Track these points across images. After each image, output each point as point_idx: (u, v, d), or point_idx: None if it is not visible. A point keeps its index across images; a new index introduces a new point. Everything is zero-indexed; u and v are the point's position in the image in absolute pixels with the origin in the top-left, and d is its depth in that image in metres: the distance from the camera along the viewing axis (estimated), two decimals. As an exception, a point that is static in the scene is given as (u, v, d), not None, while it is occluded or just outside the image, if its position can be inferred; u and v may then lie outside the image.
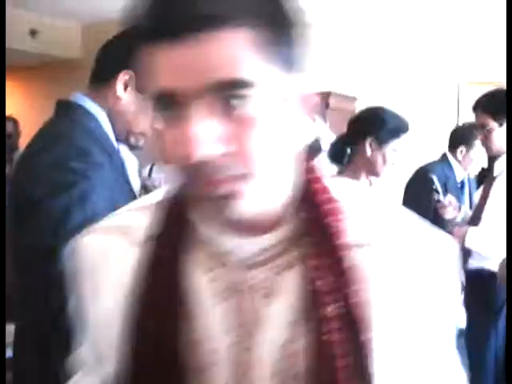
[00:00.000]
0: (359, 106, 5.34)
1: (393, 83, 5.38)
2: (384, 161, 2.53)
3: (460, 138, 3.71)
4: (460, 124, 3.89)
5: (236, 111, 0.67)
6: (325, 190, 0.81)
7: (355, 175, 2.55)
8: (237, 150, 0.68)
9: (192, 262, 0.81)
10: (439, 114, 5.20)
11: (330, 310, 0.74)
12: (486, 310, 3.20)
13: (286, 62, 0.71)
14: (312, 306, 0.75)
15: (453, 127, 4.00)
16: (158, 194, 0.86)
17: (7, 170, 4.25)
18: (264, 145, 0.69)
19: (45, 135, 1.74)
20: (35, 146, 1.73)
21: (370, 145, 2.52)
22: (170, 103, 0.68)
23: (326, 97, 4.62)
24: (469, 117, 3.74)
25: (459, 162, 3.68)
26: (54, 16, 6.38)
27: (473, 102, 3.28)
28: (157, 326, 0.79)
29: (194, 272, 0.81)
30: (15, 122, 4.87)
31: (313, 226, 0.78)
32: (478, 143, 3.55)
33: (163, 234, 0.82)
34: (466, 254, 3.37)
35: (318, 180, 0.81)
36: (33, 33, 6.28)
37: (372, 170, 2.56)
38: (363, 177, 2.56)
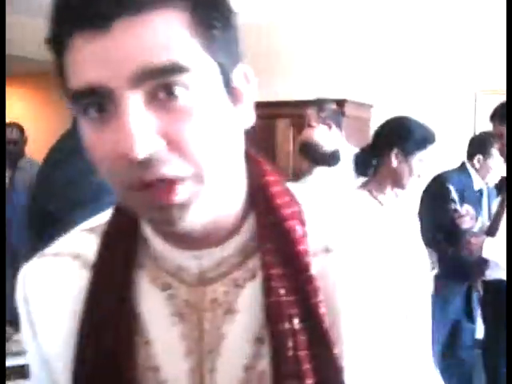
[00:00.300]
0: (375, 114, 5.35)
1: (409, 91, 5.39)
2: (410, 172, 2.50)
3: (477, 146, 3.71)
4: (477, 133, 3.88)
5: (174, 101, 0.62)
6: (283, 193, 0.76)
7: (380, 187, 2.55)
8: (179, 144, 0.62)
9: (147, 280, 0.77)
10: (456, 123, 5.20)
11: (296, 322, 0.70)
12: (504, 320, 3.19)
13: (222, 50, 0.66)
14: (276, 319, 0.70)
15: (469, 136, 4.00)
16: (110, 212, 0.81)
17: (7, 174, 4.26)
18: (206, 137, 0.64)
19: (63, 148, 1.76)
20: (52, 159, 1.75)
21: (396, 156, 2.50)
22: (99, 100, 0.62)
23: (341, 104, 4.62)
24: (485, 126, 3.73)
25: (477, 170, 3.67)
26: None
27: (490, 111, 3.29)
28: (111, 353, 0.74)
29: (150, 291, 0.76)
30: (21, 128, 4.91)
31: (272, 232, 0.73)
32: (495, 152, 3.54)
33: (114, 254, 0.77)
34: (484, 264, 3.37)
35: (275, 183, 0.76)
36: (45, 41, 6.33)
37: (398, 182, 2.53)
38: (388, 188, 2.54)
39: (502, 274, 3.29)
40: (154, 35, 0.60)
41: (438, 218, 3.33)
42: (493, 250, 3.25)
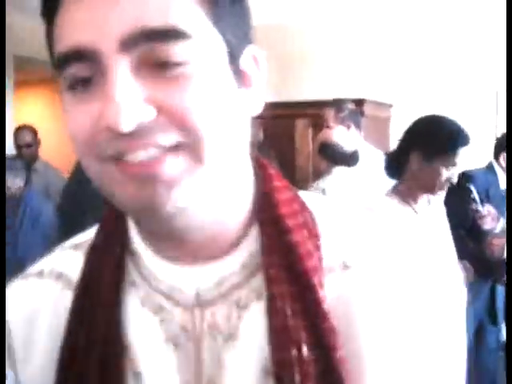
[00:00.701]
0: (394, 114, 5.32)
1: (429, 90, 5.38)
2: (435, 176, 2.34)
3: (502, 144, 3.66)
4: (498, 132, 3.85)
5: (169, 69, 0.56)
6: (291, 200, 0.68)
7: (410, 192, 2.42)
8: (172, 111, 0.56)
9: (137, 302, 0.69)
10: (477, 122, 5.16)
11: (304, 350, 0.61)
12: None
13: (230, 27, 0.61)
14: (281, 345, 0.61)
15: (491, 135, 3.96)
16: (95, 227, 0.75)
17: (23, 176, 4.24)
18: (204, 108, 0.57)
19: None
20: (78, 177, 1.99)
21: (417, 158, 2.36)
22: (86, 68, 0.56)
23: (360, 104, 4.60)
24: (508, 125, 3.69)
25: (503, 169, 3.62)
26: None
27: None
28: None
29: (140, 314, 0.68)
30: (34, 131, 4.94)
31: (277, 245, 0.64)
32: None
33: (100, 272, 0.69)
34: (506, 265, 3.33)
35: (281, 189, 0.68)
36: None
37: (428, 187, 2.38)
38: (419, 193, 2.41)
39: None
40: None
41: (460, 217, 3.29)
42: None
